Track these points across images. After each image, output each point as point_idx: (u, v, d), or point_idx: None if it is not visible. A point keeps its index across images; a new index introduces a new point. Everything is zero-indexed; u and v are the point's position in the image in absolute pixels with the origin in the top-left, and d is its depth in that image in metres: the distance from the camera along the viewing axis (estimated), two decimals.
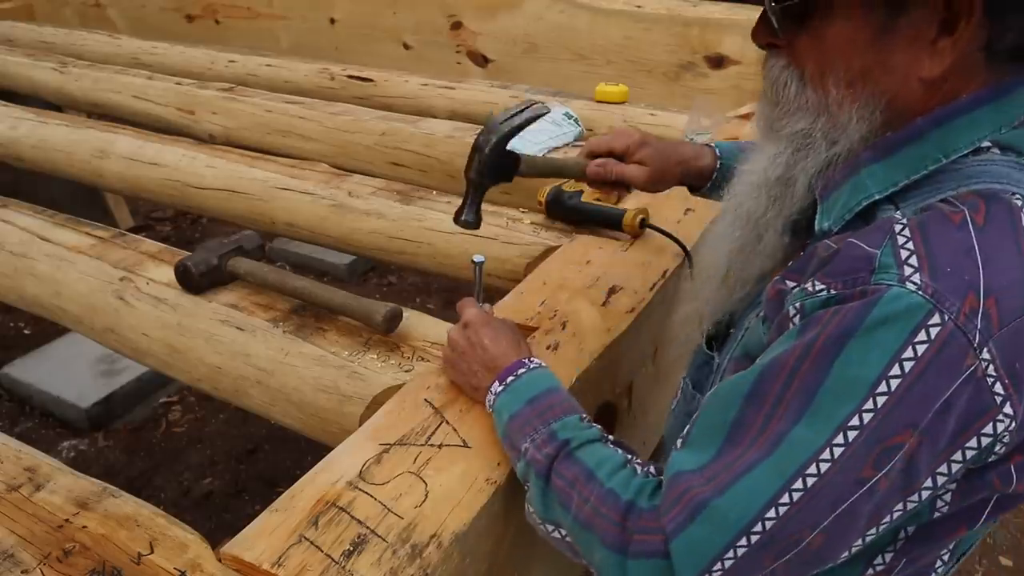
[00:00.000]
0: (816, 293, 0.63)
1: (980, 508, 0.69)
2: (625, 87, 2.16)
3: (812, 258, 0.67)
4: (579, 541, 0.74)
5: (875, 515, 0.63)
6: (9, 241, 1.49)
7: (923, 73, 0.65)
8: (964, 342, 0.57)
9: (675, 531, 0.64)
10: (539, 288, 1.21)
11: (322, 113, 2.07)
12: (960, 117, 0.66)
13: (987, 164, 0.65)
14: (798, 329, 0.63)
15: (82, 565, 0.78)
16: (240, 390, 1.18)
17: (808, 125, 0.72)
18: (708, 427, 0.68)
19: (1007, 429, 0.59)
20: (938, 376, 0.57)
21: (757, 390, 0.64)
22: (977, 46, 0.64)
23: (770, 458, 0.61)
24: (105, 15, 3.65)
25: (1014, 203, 0.62)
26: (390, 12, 2.96)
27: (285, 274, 1.27)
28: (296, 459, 2.70)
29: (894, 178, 0.68)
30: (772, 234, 0.78)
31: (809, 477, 0.60)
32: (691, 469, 0.66)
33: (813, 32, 0.69)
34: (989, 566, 2.34)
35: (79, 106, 2.63)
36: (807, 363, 0.61)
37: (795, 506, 0.60)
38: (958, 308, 0.57)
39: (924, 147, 0.67)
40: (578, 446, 0.77)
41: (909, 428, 0.58)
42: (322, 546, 0.76)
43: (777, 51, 0.74)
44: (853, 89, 0.68)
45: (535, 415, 0.82)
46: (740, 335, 0.82)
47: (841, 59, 0.68)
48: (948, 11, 0.62)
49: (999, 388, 0.58)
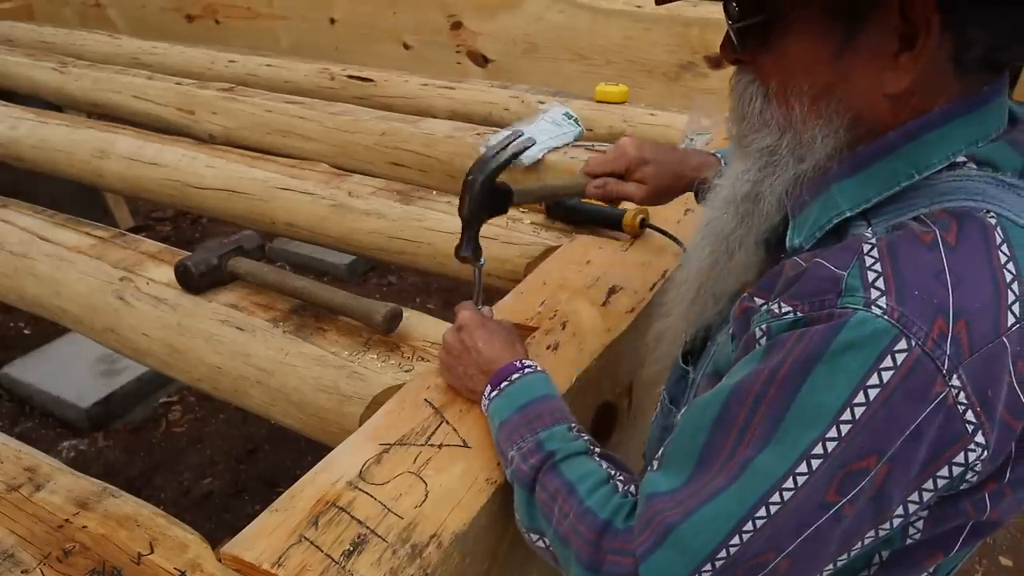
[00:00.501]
0: (782, 315, 0.62)
1: (955, 535, 0.68)
2: (625, 87, 2.16)
3: (780, 275, 0.66)
4: (559, 554, 0.74)
5: (845, 542, 0.62)
6: (9, 241, 1.49)
7: (887, 88, 0.64)
8: (932, 368, 0.55)
9: (644, 555, 0.64)
10: (539, 288, 1.21)
11: (322, 113, 2.07)
12: (933, 131, 0.64)
13: (962, 180, 0.64)
14: (764, 351, 0.62)
15: (82, 565, 0.78)
16: (240, 390, 1.18)
17: (774, 142, 0.71)
18: (681, 450, 0.67)
19: (979, 458, 0.58)
20: (905, 403, 0.56)
21: (725, 415, 0.63)
22: (944, 58, 0.62)
23: (735, 485, 0.60)
24: (105, 15, 3.65)
25: (987, 221, 0.60)
26: (390, 12, 2.96)
27: (285, 274, 1.27)
28: (296, 459, 2.70)
29: (866, 194, 0.66)
30: (743, 251, 0.77)
31: (772, 505, 0.59)
32: (663, 491, 0.65)
33: (775, 50, 0.68)
34: (989, 566, 2.34)
35: (79, 106, 2.63)
36: (773, 388, 0.60)
37: (759, 532, 0.59)
38: (926, 333, 0.55)
39: (896, 162, 0.65)
40: (563, 458, 0.76)
41: (874, 454, 0.57)
42: (322, 546, 0.76)
43: (744, 67, 0.73)
44: (817, 106, 0.67)
45: (524, 423, 0.82)
46: (712, 351, 0.81)
47: (803, 76, 0.67)
48: (907, 26, 0.61)
49: (971, 416, 0.56)
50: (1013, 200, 0.62)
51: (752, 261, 0.77)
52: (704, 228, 0.81)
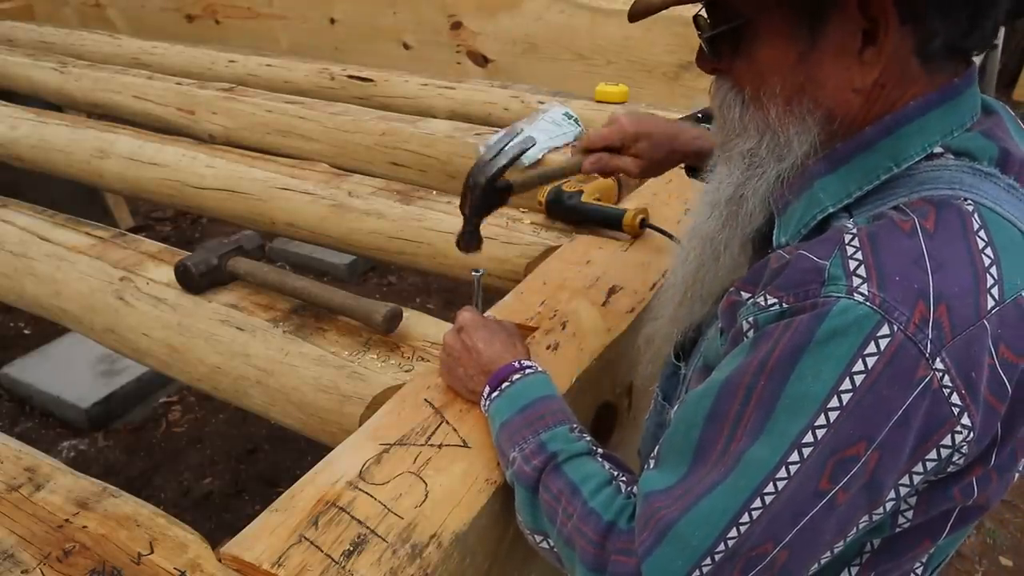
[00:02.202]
0: (768, 307, 0.63)
1: (942, 520, 0.69)
2: (625, 87, 2.16)
3: (765, 269, 0.67)
4: (563, 555, 0.75)
5: (840, 529, 0.63)
6: (9, 241, 1.49)
7: (855, 84, 0.66)
8: (915, 352, 0.56)
9: (645, 553, 0.64)
10: (539, 288, 1.21)
11: (322, 113, 2.07)
12: (909, 124, 0.66)
13: (940, 170, 0.65)
14: (751, 343, 0.63)
15: (82, 565, 0.78)
16: (240, 390, 1.18)
17: (754, 145, 0.72)
18: (675, 447, 0.68)
19: (965, 440, 0.59)
20: (891, 388, 0.57)
21: (717, 409, 0.64)
22: (908, 50, 0.64)
23: (729, 478, 0.61)
24: (105, 15, 3.65)
25: (965, 208, 0.61)
26: (390, 12, 2.96)
27: (285, 274, 1.27)
28: (296, 459, 2.70)
29: (847, 189, 0.68)
30: (728, 253, 0.78)
31: (767, 495, 0.60)
32: (660, 489, 0.66)
33: (746, 56, 0.70)
34: (989, 566, 2.34)
35: (79, 106, 2.63)
36: (762, 379, 0.61)
37: (755, 523, 0.60)
38: (907, 318, 0.56)
39: (874, 156, 0.67)
40: (566, 459, 0.77)
41: (863, 440, 0.58)
42: (322, 546, 0.76)
43: (722, 75, 0.75)
44: (790, 106, 0.69)
45: (525, 424, 0.82)
46: (702, 346, 0.82)
47: (775, 78, 0.69)
48: (867, 22, 0.63)
49: (956, 399, 0.57)
50: (990, 188, 0.64)
51: (739, 262, 0.79)
52: (690, 232, 0.83)
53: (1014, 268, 0.60)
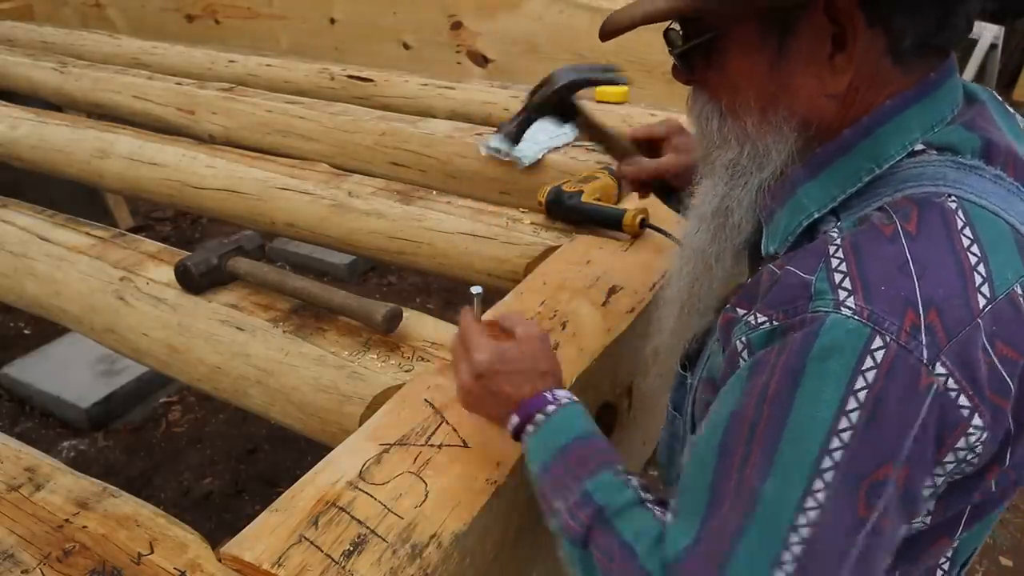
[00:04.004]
0: (759, 326, 0.62)
1: (956, 519, 0.68)
2: (625, 87, 2.16)
3: (758, 285, 0.66)
4: None
5: (889, 549, 0.61)
6: (9, 241, 1.49)
7: (828, 90, 0.66)
8: (912, 361, 0.55)
9: None
10: (539, 288, 1.21)
11: (322, 113, 2.07)
12: (886, 123, 0.66)
13: (924, 166, 0.64)
14: (748, 372, 0.62)
15: (82, 565, 0.78)
16: (240, 390, 1.18)
17: (736, 155, 0.72)
18: (690, 495, 0.65)
19: (979, 440, 0.58)
20: (899, 400, 0.55)
21: (725, 451, 0.61)
22: (879, 51, 0.64)
23: (756, 520, 0.57)
24: (105, 15, 3.65)
25: (948, 206, 0.61)
26: (390, 12, 2.96)
27: (285, 274, 1.27)
28: (296, 459, 2.70)
29: (831, 193, 0.68)
30: (721, 265, 0.78)
31: (802, 528, 0.56)
32: (687, 545, 0.61)
33: (719, 69, 0.70)
34: (989, 566, 2.34)
35: (79, 106, 2.63)
36: (765, 412, 0.59)
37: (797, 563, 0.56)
38: (898, 327, 0.56)
39: (854, 159, 0.67)
40: (615, 513, 0.70)
41: (889, 461, 0.56)
42: (322, 546, 0.76)
43: (698, 87, 0.75)
44: (766, 116, 0.69)
45: (566, 471, 0.75)
46: (706, 357, 0.81)
47: (748, 90, 0.69)
48: (835, 27, 0.63)
49: (964, 400, 0.57)
50: (975, 181, 0.63)
51: (735, 272, 0.78)
52: (683, 247, 0.83)
53: (1003, 263, 0.59)
